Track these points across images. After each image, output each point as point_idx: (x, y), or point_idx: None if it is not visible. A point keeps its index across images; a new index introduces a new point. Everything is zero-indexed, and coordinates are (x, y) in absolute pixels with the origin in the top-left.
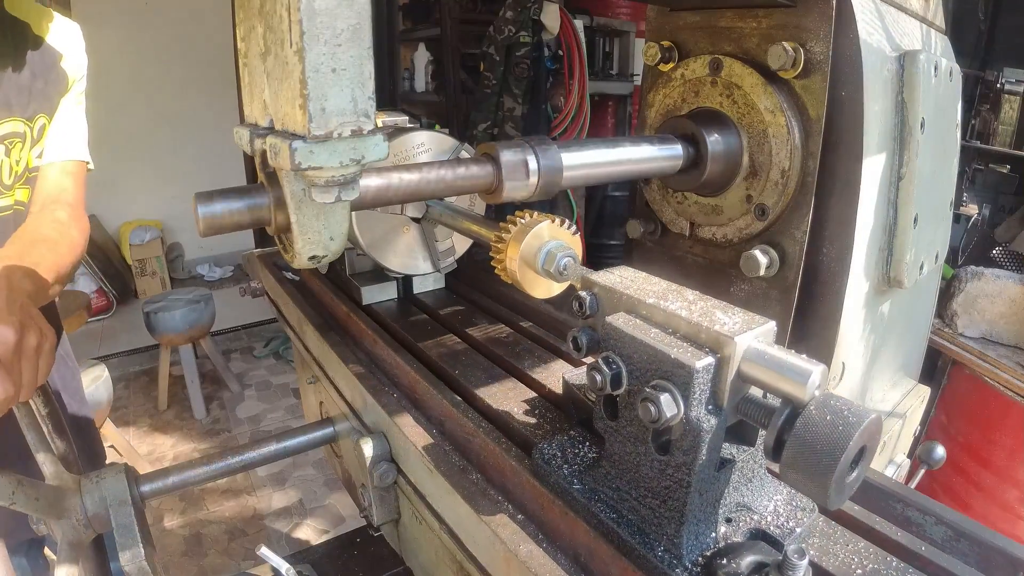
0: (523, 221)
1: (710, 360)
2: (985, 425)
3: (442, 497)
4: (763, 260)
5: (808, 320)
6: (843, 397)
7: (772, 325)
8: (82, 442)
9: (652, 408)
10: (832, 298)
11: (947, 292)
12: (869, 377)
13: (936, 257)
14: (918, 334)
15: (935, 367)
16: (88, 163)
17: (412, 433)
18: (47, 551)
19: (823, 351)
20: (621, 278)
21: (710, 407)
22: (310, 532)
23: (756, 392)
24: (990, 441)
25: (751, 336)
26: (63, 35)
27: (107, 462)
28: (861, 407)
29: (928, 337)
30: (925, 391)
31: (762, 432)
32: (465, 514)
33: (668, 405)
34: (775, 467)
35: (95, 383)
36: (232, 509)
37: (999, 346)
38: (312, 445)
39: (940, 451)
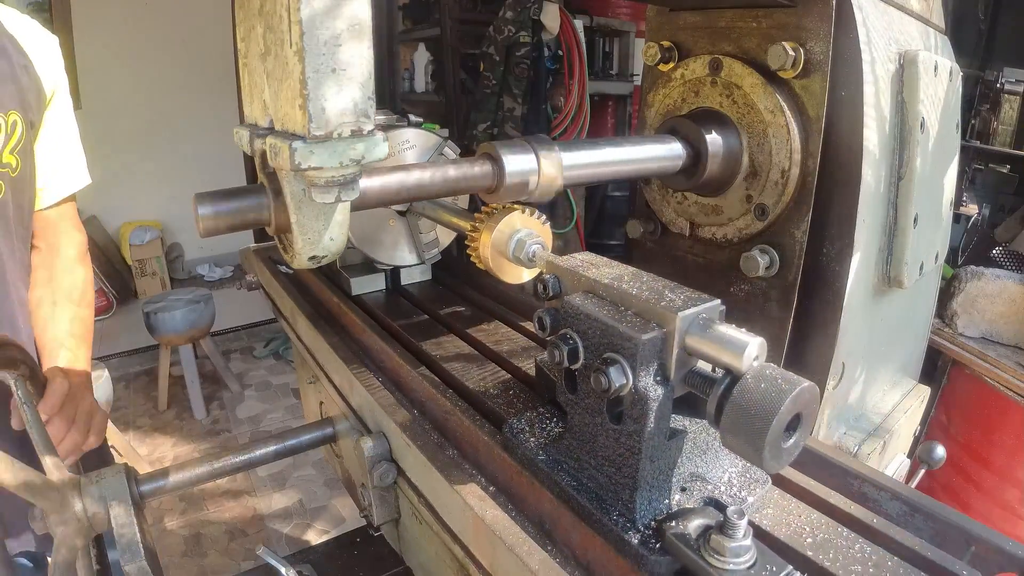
0: (496, 211)
1: (655, 334)
2: (985, 425)
3: (420, 471)
4: (763, 260)
5: (808, 320)
6: (780, 368)
7: (717, 303)
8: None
9: (603, 379)
10: (832, 298)
11: (947, 292)
12: (869, 377)
13: (936, 257)
14: (918, 334)
15: (935, 367)
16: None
17: (393, 412)
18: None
19: (823, 351)
20: (582, 261)
21: (658, 378)
22: (310, 532)
23: (705, 366)
24: (990, 441)
25: (694, 311)
26: (37, 40)
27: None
28: (795, 376)
29: (928, 337)
30: (925, 391)
31: None
32: (440, 486)
33: (617, 376)
34: None
35: (95, 383)
36: (232, 509)
37: (999, 346)
38: (312, 445)
39: (940, 451)
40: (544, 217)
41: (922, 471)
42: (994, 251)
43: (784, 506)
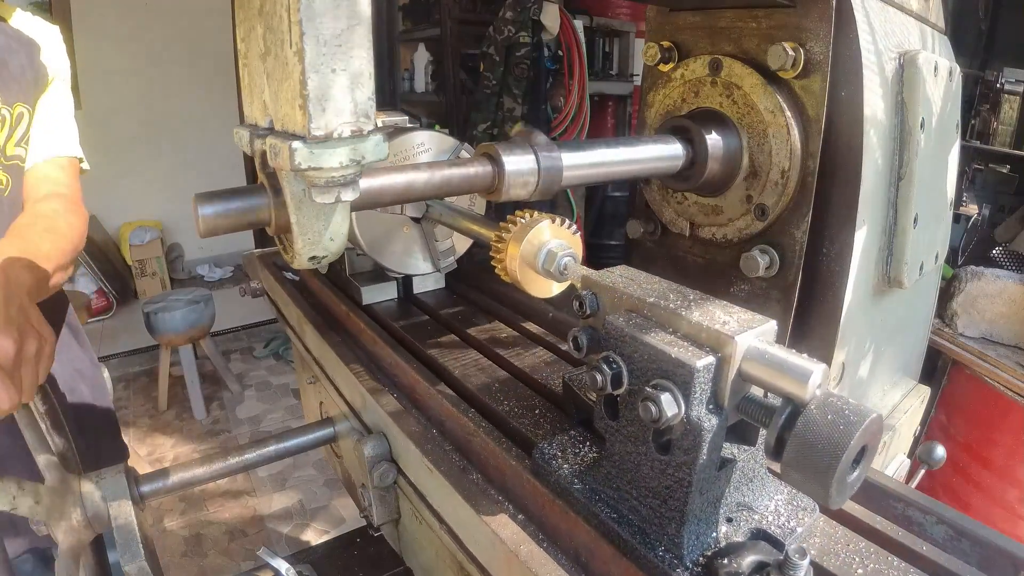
0: (523, 220)
1: (711, 359)
2: (985, 425)
3: (442, 497)
4: (763, 260)
5: (808, 320)
6: (844, 396)
7: (773, 324)
8: (102, 434)
9: (653, 408)
10: (832, 298)
11: (947, 292)
12: (869, 377)
13: (936, 257)
14: (918, 334)
15: (935, 367)
16: (81, 159)
17: (412, 433)
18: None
19: (823, 351)
20: (622, 277)
21: (711, 406)
22: (310, 533)
23: (757, 391)
24: (990, 441)
25: (752, 335)
26: (41, 31)
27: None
28: (862, 406)
29: (928, 337)
30: (925, 391)
31: (763, 431)
32: (466, 514)
33: (669, 404)
34: (775, 466)
35: None
36: (232, 510)
37: (999, 346)
38: (312, 445)
39: (940, 451)
40: (575, 227)
41: (922, 471)
42: (994, 251)
43: (831, 534)
